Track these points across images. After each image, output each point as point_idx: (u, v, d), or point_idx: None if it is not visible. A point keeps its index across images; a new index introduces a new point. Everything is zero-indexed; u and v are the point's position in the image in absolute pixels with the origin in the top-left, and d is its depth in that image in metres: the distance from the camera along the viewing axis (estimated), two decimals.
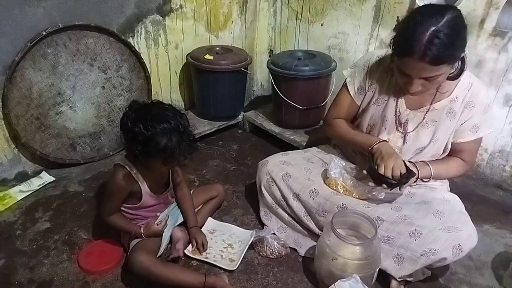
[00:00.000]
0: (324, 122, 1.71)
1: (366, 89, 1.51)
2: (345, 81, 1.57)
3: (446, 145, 1.44)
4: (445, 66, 1.18)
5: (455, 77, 1.28)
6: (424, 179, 1.45)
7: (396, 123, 1.46)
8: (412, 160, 1.46)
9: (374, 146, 1.42)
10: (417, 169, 1.40)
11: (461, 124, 1.39)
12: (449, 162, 1.47)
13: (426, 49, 1.13)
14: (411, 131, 1.44)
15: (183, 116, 1.34)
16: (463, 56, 1.23)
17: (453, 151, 1.46)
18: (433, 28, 1.13)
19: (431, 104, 1.39)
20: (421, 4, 1.83)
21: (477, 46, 1.84)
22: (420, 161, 1.45)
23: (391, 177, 1.31)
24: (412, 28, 1.16)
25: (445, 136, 1.41)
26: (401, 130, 1.46)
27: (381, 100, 1.47)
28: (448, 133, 1.41)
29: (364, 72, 1.50)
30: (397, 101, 1.44)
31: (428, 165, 1.43)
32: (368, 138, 1.48)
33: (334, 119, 1.61)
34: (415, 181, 1.43)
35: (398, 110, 1.44)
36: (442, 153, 1.48)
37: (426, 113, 1.40)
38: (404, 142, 1.46)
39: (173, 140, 1.26)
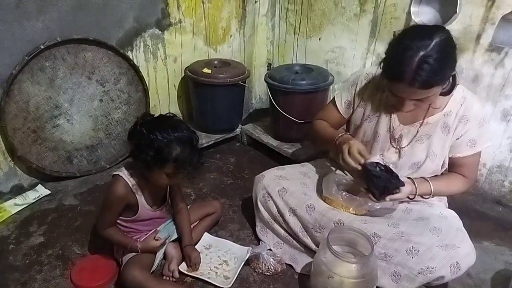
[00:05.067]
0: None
1: (355, 105, 1.54)
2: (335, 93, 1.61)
3: (444, 160, 1.43)
4: (435, 88, 1.19)
5: (447, 93, 1.29)
6: (424, 196, 1.42)
7: (390, 139, 1.45)
8: (411, 177, 1.43)
9: (337, 141, 1.45)
10: (414, 184, 1.38)
11: (457, 139, 1.37)
12: (450, 179, 1.44)
13: (415, 75, 1.13)
14: (405, 146, 1.43)
15: (195, 132, 1.37)
16: (454, 73, 1.23)
17: (453, 167, 1.45)
18: (422, 53, 1.12)
19: (424, 119, 1.39)
20: (416, 20, 1.85)
21: (474, 61, 1.84)
22: (420, 177, 1.42)
23: (351, 161, 1.33)
24: (400, 53, 1.16)
25: (442, 151, 1.40)
26: (395, 146, 1.45)
27: (373, 116, 1.48)
28: (444, 148, 1.40)
29: (353, 89, 1.53)
30: (390, 117, 1.44)
31: (428, 181, 1.40)
32: (334, 133, 1.51)
33: (317, 118, 1.68)
34: (413, 197, 1.40)
35: (391, 125, 1.44)
36: (441, 168, 1.46)
37: (419, 127, 1.40)
38: (399, 157, 1.45)
39: (185, 152, 1.29)
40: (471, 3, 1.76)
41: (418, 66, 1.13)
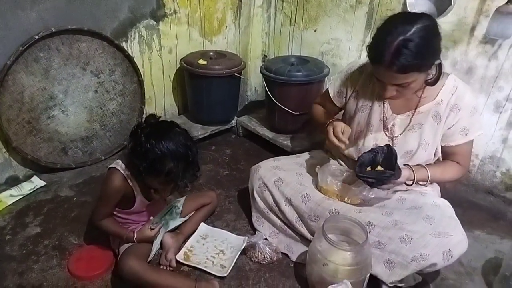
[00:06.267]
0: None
1: (347, 95, 1.57)
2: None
3: (436, 149, 1.45)
4: (415, 74, 1.21)
5: (433, 83, 1.31)
6: (421, 182, 1.44)
7: (383, 128, 1.48)
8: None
9: (327, 126, 1.49)
10: (412, 171, 1.39)
11: (449, 128, 1.39)
12: (445, 165, 1.47)
13: (393, 58, 1.16)
14: (398, 135, 1.45)
15: (194, 144, 1.34)
16: (440, 63, 1.26)
17: (447, 155, 1.47)
18: (401, 37, 1.15)
19: (416, 108, 1.41)
20: (412, 12, 1.86)
21: (468, 53, 1.86)
22: (417, 164, 1.44)
23: (333, 140, 1.42)
24: (382, 37, 1.20)
25: (434, 140, 1.42)
26: (388, 134, 1.47)
27: (366, 106, 1.51)
28: (436, 137, 1.42)
29: (346, 79, 1.57)
30: (383, 106, 1.46)
31: (425, 167, 1.42)
32: (328, 119, 1.55)
33: (315, 103, 1.77)
34: (412, 183, 1.41)
35: (384, 115, 1.46)
36: (434, 157, 1.48)
37: (412, 116, 1.42)
38: (392, 145, 1.46)
39: (178, 167, 1.26)
40: None
41: (396, 50, 1.16)
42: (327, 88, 1.67)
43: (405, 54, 1.15)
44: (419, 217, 1.32)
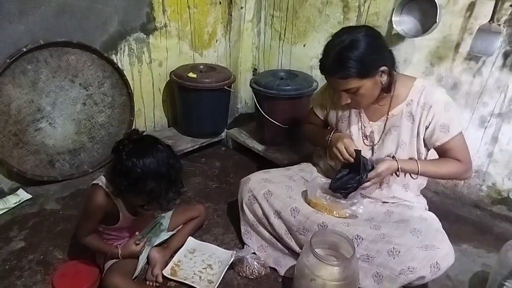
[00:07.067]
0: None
1: (328, 108, 1.64)
2: None
3: (420, 151, 1.46)
4: (356, 80, 1.29)
5: (387, 90, 1.39)
6: (412, 175, 1.45)
7: (362, 137, 1.52)
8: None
9: (329, 139, 1.54)
10: (396, 161, 1.40)
11: (427, 128, 1.41)
12: (440, 160, 1.46)
13: (333, 65, 1.31)
14: (377, 142, 1.49)
15: (178, 160, 1.32)
16: (389, 71, 1.34)
17: (442, 153, 1.46)
18: (338, 47, 1.28)
19: (389, 112, 1.45)
20: (397, 29, 1.90)
21: (453, 69, 1.90)
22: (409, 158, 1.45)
23: (349, 158, 1.43)
24: (326, 49, 1.34)
25: (411, 140, 1.44)
26: (367, 143, 1.51)
27: (344, 116, 1.57)
28: (413, 137, 1.44)
29: (326, 92, 1.65)
30: (359, 116, 1.52)
31: (415, 160, 1.43)
32: (324, 133, 1.61)
33: (304, 122, 1.84)
34: (399, 174, 1.42)
35: (361, 123, 1.52)
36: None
37: (386, 121, 1.47)
38: (372, 153, 1.51)
39: (160, 186, 1.25)
40: (450, 13, 1.82)
41: (334, 58, 1.29)
42: (312, 105, 1.73)
43: (342, 61, 1.27)
44: (406, 230, 1.33)
